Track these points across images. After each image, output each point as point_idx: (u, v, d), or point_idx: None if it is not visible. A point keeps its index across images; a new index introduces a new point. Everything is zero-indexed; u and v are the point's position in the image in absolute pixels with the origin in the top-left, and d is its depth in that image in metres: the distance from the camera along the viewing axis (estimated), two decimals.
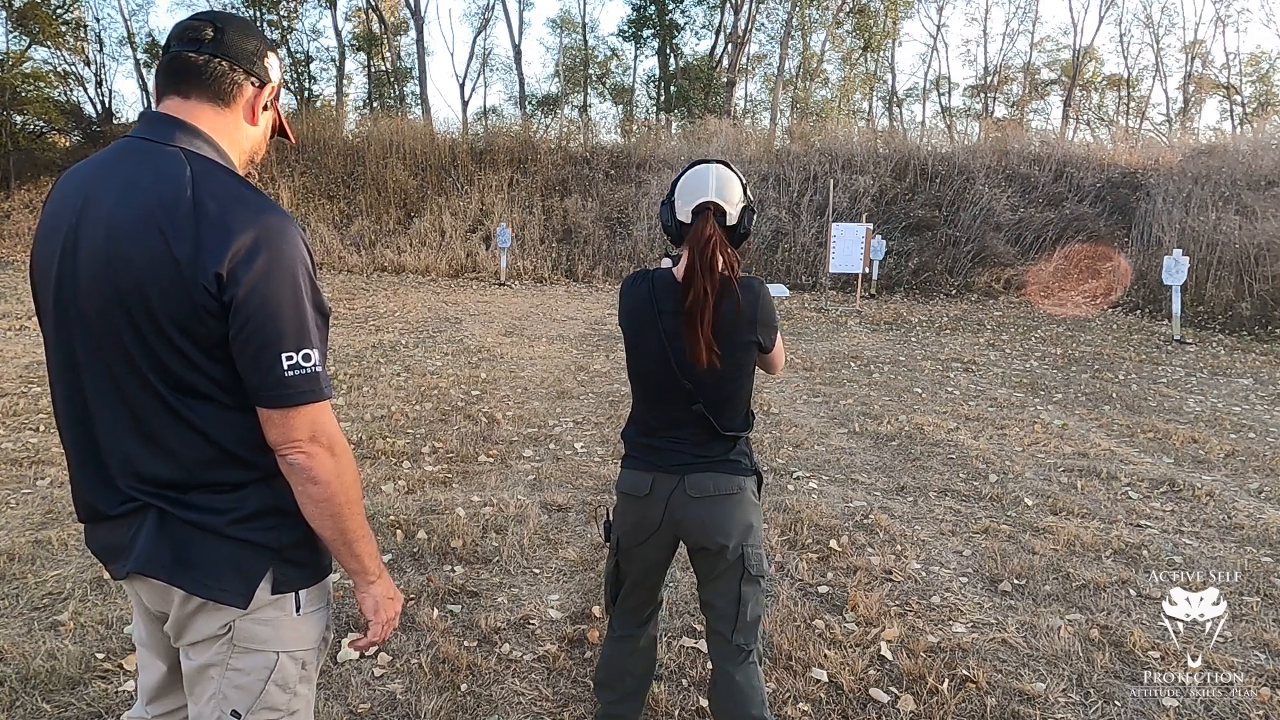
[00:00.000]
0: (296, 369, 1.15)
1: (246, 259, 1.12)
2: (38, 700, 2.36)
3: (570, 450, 5.14)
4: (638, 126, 27.44)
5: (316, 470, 1.19)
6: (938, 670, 2.68)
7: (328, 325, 1.24)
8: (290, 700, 1.29)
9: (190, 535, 1.20)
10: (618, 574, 2.02)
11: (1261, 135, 19.08)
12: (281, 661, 1.27)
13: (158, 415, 1.18)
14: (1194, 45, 31.88)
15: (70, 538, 3.50)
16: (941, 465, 5.09)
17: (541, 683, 2.59)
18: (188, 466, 1.20)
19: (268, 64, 1.31)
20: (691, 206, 1.83)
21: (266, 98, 1.32)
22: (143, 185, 1.17)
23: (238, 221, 1.14)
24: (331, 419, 1.21)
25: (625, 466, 1.96)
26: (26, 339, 8.29)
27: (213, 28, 1.24)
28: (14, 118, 20.50)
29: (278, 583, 1.25)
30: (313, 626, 1.31)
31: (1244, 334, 11.74)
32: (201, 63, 1.23)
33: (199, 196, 1.14)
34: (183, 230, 1.12)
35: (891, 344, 10.19)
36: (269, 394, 1.15)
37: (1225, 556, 3.73)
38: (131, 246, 1.14)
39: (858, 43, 32.88)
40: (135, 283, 1.14)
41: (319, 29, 46.38)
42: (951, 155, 19.25)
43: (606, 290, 15.76)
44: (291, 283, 1.16)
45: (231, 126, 1.28)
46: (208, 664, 1.25)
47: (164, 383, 1.17)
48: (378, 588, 1.34)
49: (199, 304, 1.12)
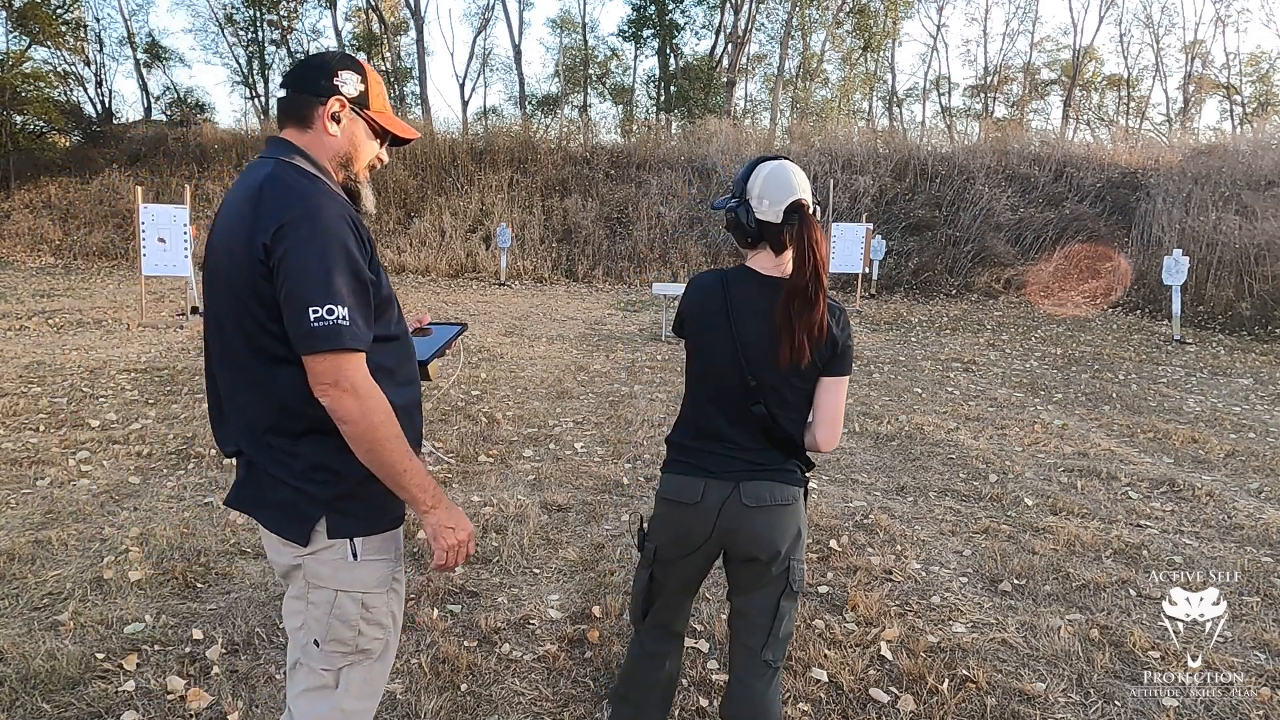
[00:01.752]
0: (321, 321, 1.33)
1: (286, 231, 1.35)
2: (38, 700, 2.36)
3: (570, 450, 5.14)
4: (638, 126, 27.44)
5: (342, 410, 1.37)
6: (938, 670, 2.68)
7: (368, 292, 1.42)
8: (355, 637, 1.49)
9: (265, 479, 1.46)
10: (651, 587, 1.92)
11: (1261, 135, 19.07)
12: (340, 599, 1.47)
13: (243, 376, 1.44)
14: (1194, 45, 31.90)
15: (70, 538, 3.50)
16: (941, 465, 5.09)
17: (541, 683, 2.59)
18: (261, 419, 1.44)
19: (337, 82, 1.54)
20: (783, 206, 1.76)
21: (336, 109, 1.54)
22: (244, 188, 1.45)
23: (283, 204, 1.37)
24: (356, 367, 1.37)
25: (672, 472, 1.86)
26: (26, 339, 8.29)
27: (291, 70, 1.58)
28: (14, 118, 20.50)
29: (332, 528, 1.46)
30: (371, 573, 1.50)
31: (1244, 334, 11.74)
32: (284, 98, 1.57)
33: (264, 188, 1.40)
34: (248, 215, 1.39)
35: (891, 344, 10.19)
36: (300, 341, 1.35)
37: (1225, 556, 3.73)
38: (228, 235, 1.43)
39: (858, 43, 32.88)
40: (228, 263, 1.41)
41: (319, 29, 46.18)
42: (951, 155, 19.24)
43: (606, 290, 15.76)
44: (320, 249, 1.35)
45: (315, 140, 1.54)
46: (295, 596, 1.51)
47: (247, 346, 1.42)
48: (434, 516, 1.49)
49: (259, 272, 1.36)
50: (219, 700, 2.40)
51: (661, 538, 1.88)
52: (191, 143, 21.15)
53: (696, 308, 1.82)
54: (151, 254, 10.06)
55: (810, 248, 1.71)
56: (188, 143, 21.15)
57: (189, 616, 2.90)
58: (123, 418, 5.44)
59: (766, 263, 1.81)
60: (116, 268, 16.44)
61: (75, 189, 19.64)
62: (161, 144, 21.24)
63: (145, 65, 28.14)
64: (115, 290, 13.10)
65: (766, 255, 1.82)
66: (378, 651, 1.54)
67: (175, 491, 4.16)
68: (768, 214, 1.78)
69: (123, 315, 10.17)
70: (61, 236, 18.11)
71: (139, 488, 4.19)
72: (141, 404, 5.84)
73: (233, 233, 1.42)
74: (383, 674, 1.57)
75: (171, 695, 2.42)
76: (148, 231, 10.05)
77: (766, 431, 1.78)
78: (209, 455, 4.73)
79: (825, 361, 1.78)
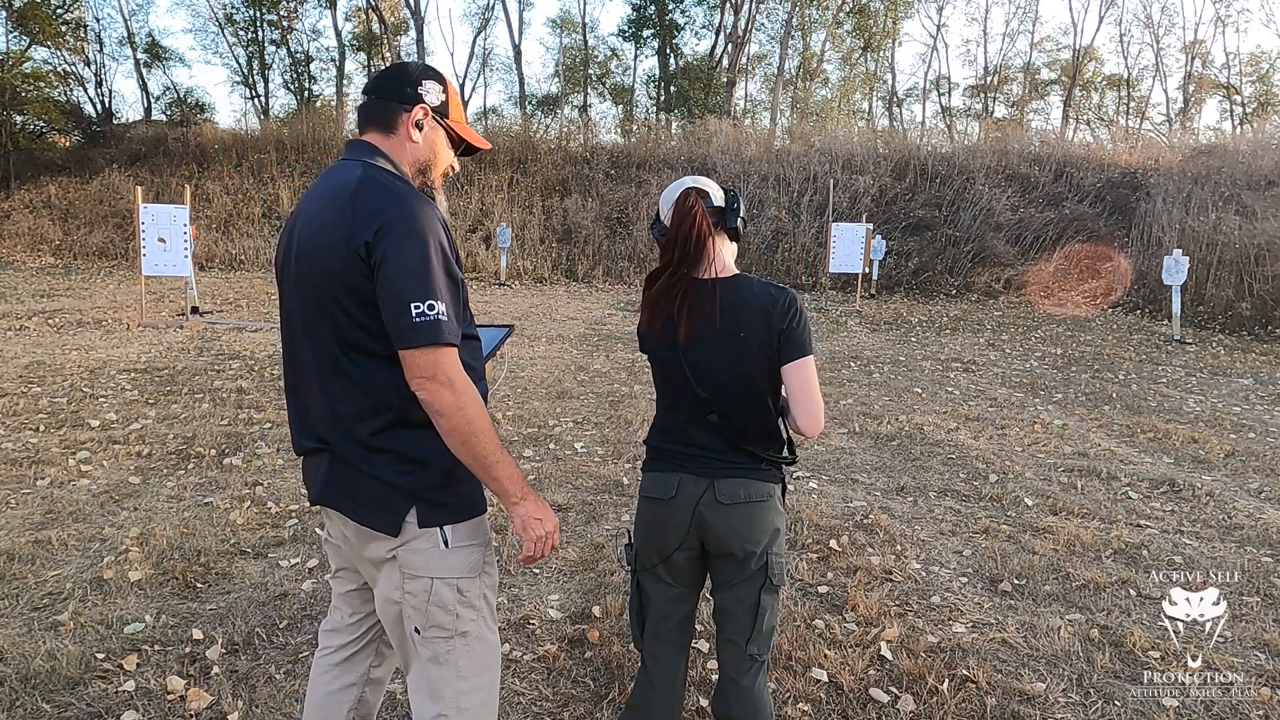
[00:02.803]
0: (422, 316, 1.39)
1: (387, 230, 1.40)
2: (38, 700, 2.36)
3: (570, 450, 5.14)
4: (638, 126, 27.45)
5: (438, 403, 1.41)
6: (938, 670, 2.68)
7: (459, 289, 1.49)
8: (455, 621, 1.55)
9: (353, 475, 1.51)
10: (641, 597, 1.90)
11: (1261, 135, 19.08)
12: (436, 586, 1.52)
13: (333, 371, 1.48)
14: (1194, 45, 31.88)
15: (70, 538, 3.50)
16: (941, 465, 5.09)
17: (541, 683, 2.59)
18: (349, 416, 1.48)
19: (421, 90, 1.61)
20: (673, 198, 1.82)
21: (420, 116, 1.60)
22: (331, 188, 1.51)
23: (383, 204, 1.43)
24: (453, 361, 1.43)
25: (648, 470, 1.87)
26: (26, 339, 8.29)
27: (377, 77, 1.65)
28: (14, 118, 20.51)
29: (423, 518, 1.50)
30: (463, 559, 1.55)
31: (1244, 334, 11.74)
32: (368, 103, 1.63)
33: (359, 191, 1.46)
34: (346, 214, 1.44)
35: (891, 344, 10.19)
36: (400, 336, 1.40)
37: (1225, 556, 3.73)
38: (319, 234, 1.47)
39: (858, 43, 32.89)
40: (322, 261, 1.46)
41: (319, 29, 46.43)
42: (951, 155, 19.25)
43: (606, 290, 15.76)
44: (420, 248, 1.41)
45: (398, 145, 1.60)
46: (391, 589, 1.55)
47: (338, 341, 1.47)
48: (522, 508, 1.54)
49: (357, 269, 1.41)
50: (219, 700, 2.40)
51: (643, 540, 1.87)
52: (191, 143, 21.16)
53: (645, 323, 1.84)
54: (151, 254, 10.07)
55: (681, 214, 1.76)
56: (188, 143, 21.16)
57: (189, 616, 2.90)
58: (123, 418, 5.44)
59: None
60: (116, 268, 16.44)
61: (75, 189, 19.64)
62: (161, 144, 21.24)
63: (145, 65, 28.14)
64: (115, 290, 13.10)
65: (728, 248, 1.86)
66: (476, 633, 1.59)
67: (175, 491, 4.16)
68: (667, 216, 1.84)
69: (123, 315, 10.17)
70: (61, 236, 18.12)
71: (139, 488, 4.19)
72: (141, 404, 5.84)
73: (326, 232, 1.46)
74: (487, 651, 1.61)
75: (171, 695, 2.42)
76: (148, 231, 10.05)
77: (727, 438, 1.78)
78: (209, 455, 4.73)
79: (776, 351, 1.75)
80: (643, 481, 1.89)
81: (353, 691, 1.76)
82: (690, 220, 1.76)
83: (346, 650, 1.76)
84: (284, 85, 31.02)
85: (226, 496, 4.07)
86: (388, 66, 1.69)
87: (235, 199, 19.10)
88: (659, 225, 1.89)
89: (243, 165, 20.02)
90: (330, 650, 1.77)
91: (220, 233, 17.88)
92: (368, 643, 1.77)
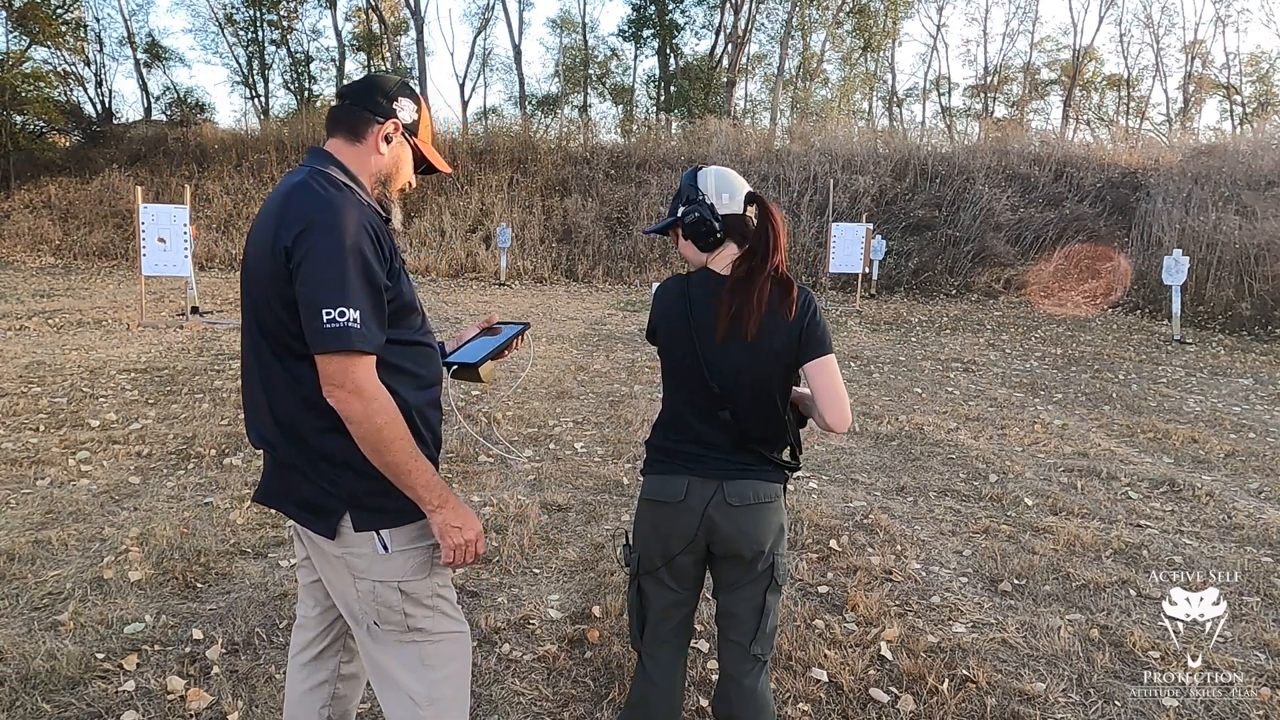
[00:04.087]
0: (333, 322, 1.37)
1: (306, 234, 1.40)
2: (38, 700, 2.36)
3: (570, 450, 5.14)
4: (638, 126, 27.44)
5: (347, 411, 1.41)
6: (938, 670, 2.68)
7: (382, 297, 1.46)
8: (404, 619, 1.55)
9: (292, 477, 1.52)
10: (641, 600, 1.87)
11: (1261, 135, 19.08)
12: (379, 589, 1.53)
13: (270, 373, 1.49)
14: (1194, 45, 31.88)
15: (70, 538, 3.50)
16: (941, 465, 5.09)
17: (541, 683, 2.59)
18: (286, 415, 1.48)
19: (396, 106, 1.61)
20: (743, 195, 1.82)
21: (390, 131, 1.60)
22: (275, 194, 1.52)
23: (308, 209, 1.42)
24: (364, 369, 1.41)
25: (653, 472, 1.83)
26: (26, 339, 8.29)
27: (353, 84, 1.65)
28: (14, 118, 20.51)
29: (358, 523, 1.50)
30: (405, 561, 1.54)
31: (1244, 334, 11.74)
32: (340, 107, 1.62)
33: (292, 195, 1.46)
34: (275, 218, 1.44)
35: (891, 344, 10.19)
36: (311, 342, 1.40)
37: (1225, 556, 3.73)
38: (256, 239, 1.49)
39: (858, 43, 32.88)
40: (255, 265, 1.47)
41: (319, 29, 46.42)
42: (951, 155, 19.25)
43: (606, 290, 15.76)
44: (338, 254, 1.39)
45: (363, 154, 1.59)
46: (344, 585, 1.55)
47: (272, 344, 1.48)
48: (439, 515, 1.52)
49: (280, 273, 1.41)
50: (219, 700, 2.40)
51: (645, 544, 1.84)
52: (191, 143, 21.16)
53: (660, 316, 1.82)
54: (151, 254, 10.06)
55: (772, 228, 1.77)
56: (188, 143, 21.16)
57: (189, 616, 2.90)
58: (123, 418, 5.44)
59: (726, 261, 1.81)
60: (116, 268, 16.44)
61: (75, 189, 19.64)
62: (161, 144, 21.25)
63: (145, 65, 28.15)
64: (115, 290, 13.10)
65: (729, 252, 1.82)
66: (433, 628, 1.59)
67: (175, 491, 4.16)
68: (730, 206, 1.81)
69: (123, 315, 10.17)
70: (61, 236, 18.12)
71: (139, 488, 4.19)
72: (141, 404, 5.84)
73: (261, 236, 1.48)
74: (451, 643, 1.61)
75: (171, 695, 2.42)
76: (148, 231, 10.05)
77: (736, 437, 1.77)
78: (209, 455, 4.73)
79: (797, 350, 1.75)
80: (646, 484, 1.85)
81: (325, 689, 1.76)
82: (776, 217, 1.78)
83: (314, 648, 1.77)
84: (284, 85, 31.06)
85: (226, 496, 4.07)
86: (365, 75, 1.71)
87: (235, 199, 19.10)
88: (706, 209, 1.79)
89: (243, 165, 20.02)
90: (300, 649, 1.77)
91: (220, 233, 17.88)
92: (334, 639, 1.77)
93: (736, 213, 1.81)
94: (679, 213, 1.84)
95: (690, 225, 1.81)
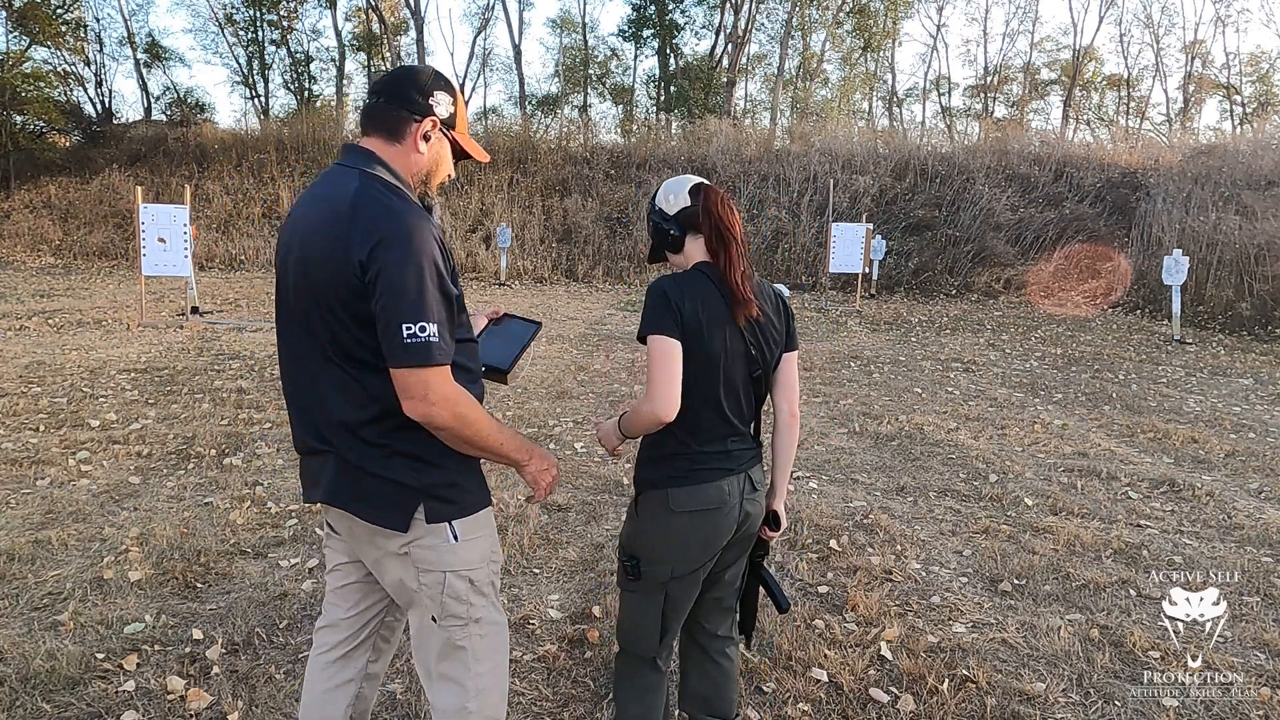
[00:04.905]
0: (413, 338, 1.41)
1: (382, 249, 1.41)
2: (38, 700, 2.36)
3: (570, 450, 5.14)
4: (638, 126, 27.45)
5: (435, 421, 1.45)
6: (938, 670, 2.68)
7: (453, 307, 1.51)
8: (468, 609, 1.59)
9: (359, 476, 1.53)
10: (667, 606, 1.85)
11: (1261, 135, 19.08)
12: (449, 579, 1.57)
13: (334, 379, 1.51)
14: (1194, 45, 31.88)
15: (70, 538, 3.50)
16: (941, 465, 5.09)
17: (541, 683, 2.59)
18: (354, 420, 1.51)
19: (432, 101, 1.60)
20: (685, 189, 1.84)
21: (429, 129, 1.59)
22: (325, 198, 1.52)
23: (378, 222, 1.43)
24: (443, 380, 1.46)
25: (689, 483, 1.77)
26: (26, 339, 8.29)
27: (386, 78, 1.62)
28: (14, 118, 20.51)
29: (430, 514, 1.54)
30: (473, 550, 1.60)
31: (1244, 334, 11.74)
32: (376, 106, 1.60)
33: (356, 207, 1.46)
34: (342, 230, 1.44)
35: (891, 344, 10.19)
36: (391, 356, 1.43)
37: (1225, 556, 3.73)
38: (318, 246, 1.48)
39: (858, 43, 32.89)
40: (320, 273, 1.47)
41: (319, 29, 46.43)
42: (951, 155, 19.25)
43: (606, 290, 15.76)
44: (415, 269, 1.42)
45: (402, 155, 1.59)
46: (406, 577, 1.58)
47: (336, 353, 1.49)
48: (529, 469, 1.66)
49: (353, 287, 1.43)
50: (219, 700, 2.40)
51: (681, 552, 1.79)
52: (191, 143, 21.16)
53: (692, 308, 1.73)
54: (151, 254, 10.07)
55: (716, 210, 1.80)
56: (188, 143, 21.16)
57: (189, 616, 2.90)
58: (123, 418, 5.44)
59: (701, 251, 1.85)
60: (116, 268, 16.44)
61: (75, 189, 19.64)
62: (161, 144, 21.25)
63: (145, 65, 28.15)
64: (115, 290, 13.10)
65: (698, 246, 1.84)
66: (488, 618, 1.65)
67: (175, 491, 4.16)
68: (677, 204, 1.84)
69: (123, 315, 10.17)
70: (61, 236, 18.12)
71: (139, 488, 4.19)
72: (141, 404, 5.84)
73: (324, 244, 1.46)
74: (497, 634, 1.67)
75: (171, 695, 2.42)
76: (148, 231, 10.05)
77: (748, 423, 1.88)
78: (209, 455, 4.73)
79: (785, 338, 1.91)
80: (675, 496, 1.78)
81: (351, 688, 1.77)
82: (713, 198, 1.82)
83: (344, 647, 1.77)
84: (284, 85, 31.05)
85: (226, 496, 4.07)
86: (399, 69, 1.66)
87: (235, 199, 19.11)
88: (660, 215, 1.87)
89: (243, 165, 20.03)
90: (327, 648, 1.77)
91: (220, 233, 17.89)
92: (365, 638, 1.78)
93: (685, 205, 1.84)
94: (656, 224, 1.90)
95: (653, 237, 1.90)
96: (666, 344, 1.71)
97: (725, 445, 1.81)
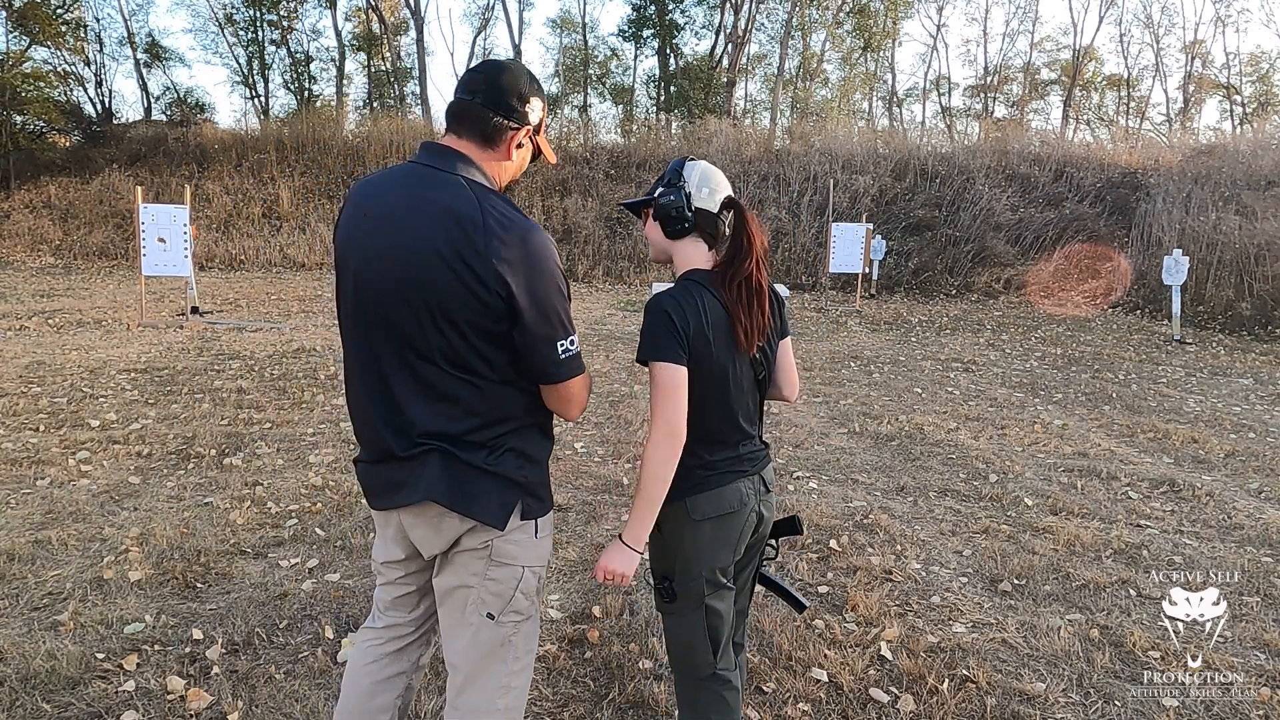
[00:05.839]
0: (567, 353, 1.50)
1: (525, 268, 1.43)
2: (38, 700, 2.36)
3: (570, 450, 5.14)
4: (638, 126, 27.45)
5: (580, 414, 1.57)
6: (938, 670, 2.68)
7: None
8: (529, 605, 1.63)
9: (465, 472, 1.52)
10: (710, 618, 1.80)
11: (1261, 135, 19.07)
12: (525, 574, 1.60)
13: (442, 384, 1.49)
14: (1194, 45, 31.88)
15: (70, 538, 3.50)
16: (941, 465, 5.09)
17: (541, 683, 2.59)
18: (462, 422, 1.51)
19: (528, 109, 1.58)
20: (721, 196, 1.79)
21: (522, 137, 1.59)
22: (439, 204, 1.46)
23: (511, 237, 1.43)
24: (586, 382, 1.60)
25: (707, 489, 1.75)
26: (27, 339, 8.29)
27: (484, 79, 1.55)
28: (14, 118, 20.51)
29: (525, 511, 1.58)
30: (545, 547, 1.65)
31: (1244, 334, 11.74)
32: (471, 107, 1.54)
33: (485, 220, 1.43)
34: (474, 244, 1.42)
35: (891, 344, 10.19)
36: (551, 373, 1.50)
37: (1225, 556, 3.73)
38: (428, 255, 1.43)
39: (858, 43, 32.88)
40: (429, 283, 1.44)
41: (319, 29, 46.39)
42: (951, 155, 19.25)
43: (606, 290, 15.76)
44: (555, 286, 1.48)
45: (495, 161, 1.58)
46: (466, 577, 1.57)
47: (446, 360, 1.48)
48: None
49: (486, 303, 1.43)
50: (219, 700, 2.40)
51: (711, 560, 1.77)
52: (191, 143, 21.16)
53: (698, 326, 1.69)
54: (151, 254, 10.07)
55: (750, 236, 1.78)
56: (188, 143, 21.16)
57: (189, 616, 2.90)
58: (123, 418, 5.44)
59: (699, 258, 1.80)
60: (116, 268, 16.44)
61: (75, 189, 19.64)
62: (161, 144, 21.25)
63: (145, 65, 28.14)
64: (115, 290, 13.10)
65: (697, 249, 1.80)
66: (536, 615, 1.69)
67: (175, 491, 4.16)
68: (706, 202, 1.78)
69: (123, 315, 10.17)
70: (61, 236, 18.11)
71: (139, 488, 4.19)
72: (141, 404, 5.84)
73: (448, 252, 1.42)
74: (535, 631, 1.71)
75: (171, 695, 2.42)
76: (148, 231, 10.05)
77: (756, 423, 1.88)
78: (209, 455, 4.73)
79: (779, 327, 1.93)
80: (694, 504, 1.75)
81: (402, 680, 1.78)
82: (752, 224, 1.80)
83: (400, 641, 1.77)
84: (284, 85, 31.03)
85: (226, 496, 4.07)
86: (494, 66, 1.58)
87: (235, 199, 19.10)
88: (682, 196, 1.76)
89: (243, 165, 20.03)
90: (381, 641, 1.76)
91: (220, 233, 17.88)
92: (422, 635, 1.80)
93: (710, 210, 1.78)
94: (655, 193, 1.82)
95: (662, 207, 1.79)
96: (673, 373, 1.64)
97: (737, 450, 1.81)
